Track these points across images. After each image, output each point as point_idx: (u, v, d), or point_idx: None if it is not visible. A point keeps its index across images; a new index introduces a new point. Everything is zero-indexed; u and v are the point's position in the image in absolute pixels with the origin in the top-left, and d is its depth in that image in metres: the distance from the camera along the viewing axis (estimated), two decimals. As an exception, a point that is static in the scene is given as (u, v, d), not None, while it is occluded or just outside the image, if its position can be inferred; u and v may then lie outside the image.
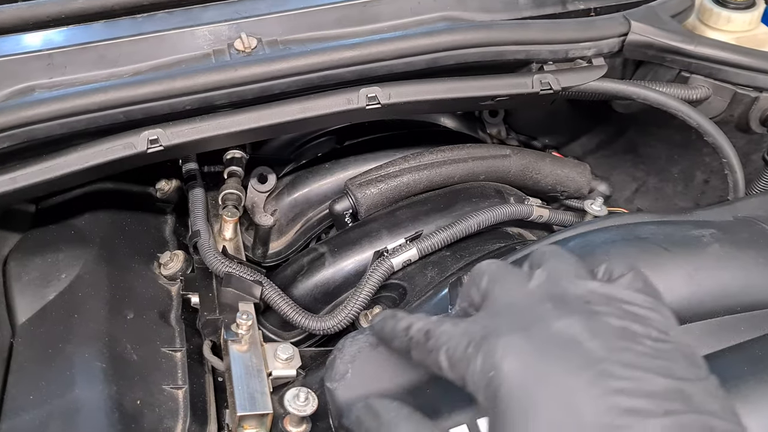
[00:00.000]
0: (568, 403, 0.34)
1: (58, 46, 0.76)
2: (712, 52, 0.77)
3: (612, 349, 0.36)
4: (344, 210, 0.79)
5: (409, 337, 0.44)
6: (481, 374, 0.37)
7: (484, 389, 0.37)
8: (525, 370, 0.36)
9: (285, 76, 0.70)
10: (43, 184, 0.67)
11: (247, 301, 0.69)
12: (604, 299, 0.39)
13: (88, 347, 0.64)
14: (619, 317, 0.38)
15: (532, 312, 0.39)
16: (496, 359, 0.37)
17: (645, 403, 0.34)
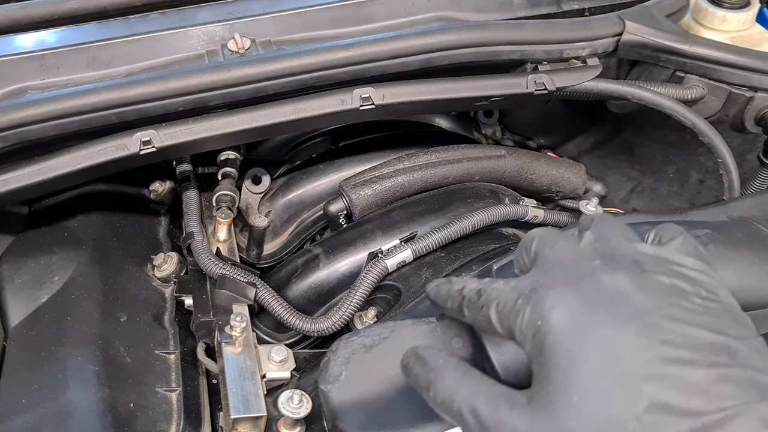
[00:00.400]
0: (614, 352, 0.36)
1: (51, 47, 0.75)
2: (707, 51, 0.77)
3: (660, 303, 0.37)
4: (339, 211, 0.79)
5: (461, 296, 0.47)
6: (529, 324, 0.39)
7: (532, 339, 0.39)
8: (573, 320, 0.38)
9: (279, 77, 0.69)
10: (36, 186, 0.66)
11: (240, 302, 0.69)
12: (653, 260, 0.41)
13: (81, 350, 0.63)
14: (669, 276, 0.39)
15: (582, 268, 0.40)
16: (545, 309, 0.38)
17: (691, 354, 0.35)
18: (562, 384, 0.37)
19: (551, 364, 0.38)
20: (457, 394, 0.42)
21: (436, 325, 0.59)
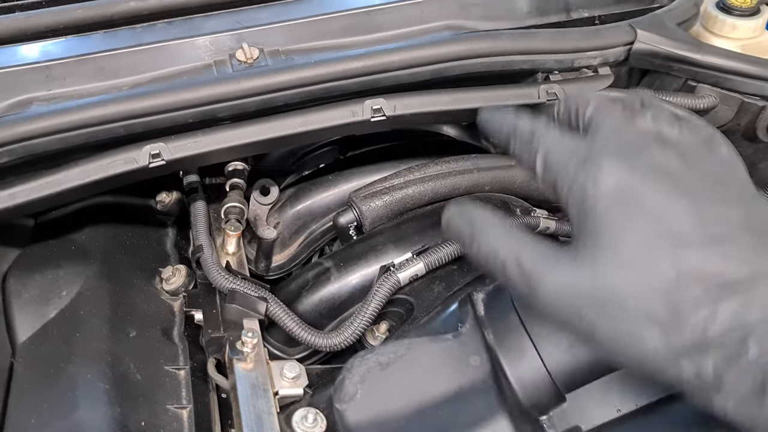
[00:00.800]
0: (662, 221, 0.39)
1: (56, 57, 0.74)
2: (719, 61, 0.77)
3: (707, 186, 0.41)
4: (348, 223, 0.78)
5: (514, 128, 0.48)
6: (580, 187, 0.41)
7: (581, 202, 0.41)
8: (626, 189, 0.40)
9: (288, 88, 0.69)
10: (43, 200, 0.65)
11: (251, 317, 0.68)
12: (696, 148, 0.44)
13: (90, 367, 0.62)
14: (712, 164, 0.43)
15: (638, 144, 0.43)
16: (600, 177, 0.41)
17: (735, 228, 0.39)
18: (609, 244, 0.40)
19: (599, 226, 0.40)
20: (502, 247, 0.44)
21: (453, 342, 0.59)
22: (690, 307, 0.37)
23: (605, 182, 0.41)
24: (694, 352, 0.37)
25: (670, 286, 0.38)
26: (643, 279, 0.38)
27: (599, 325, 0.40)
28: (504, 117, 0.50)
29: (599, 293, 0.39)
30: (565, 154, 0.43)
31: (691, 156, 0.42)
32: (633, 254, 0.39)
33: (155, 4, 0.79)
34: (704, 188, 0.41)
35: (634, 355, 0.39)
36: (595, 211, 0.41)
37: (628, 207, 0.40)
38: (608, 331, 0.39)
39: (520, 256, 0.43)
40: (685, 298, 0.37)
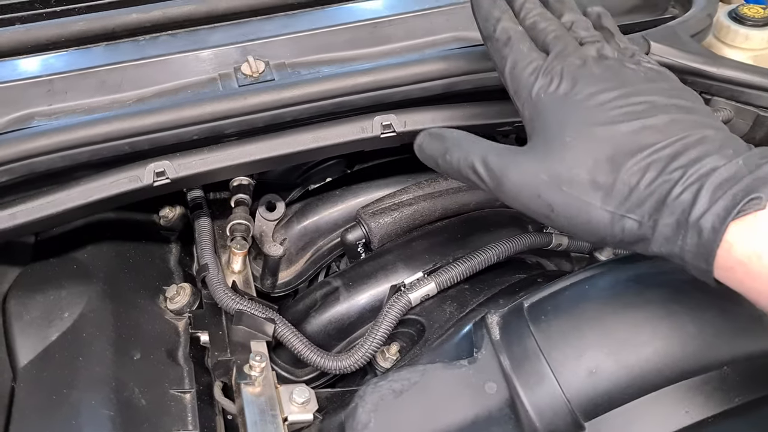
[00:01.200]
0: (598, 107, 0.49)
1: (58, 71, 0.72)
2: (735, 74, 0.75)
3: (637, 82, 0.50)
4: (357, 240, 0.76)
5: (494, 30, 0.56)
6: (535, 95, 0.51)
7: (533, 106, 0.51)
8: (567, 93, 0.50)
9: (297, 104, 0.67)
10: (45, 220, 0.64)
11: (259, 339, 0.67)
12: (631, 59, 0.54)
13: (94, 393, 0.61)
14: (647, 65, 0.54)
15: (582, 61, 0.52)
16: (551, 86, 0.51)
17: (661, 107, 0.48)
18: (557, 134, 0.49)
19: (548, 122, 0.50)
20: (471, 152, 0.53)
21: (469, 369, 0.57)
22: (624, 170, 0.45)
23: (553, 89, 0.51)
24: (632, 206, 0.45)
25: (608, 156, 0.46)
26: (585, 155, 0.47)
27: (555, 202, 0.48)
28: (492, 11, 0.57)
29: (553, 174, 0.48)
30: (527, 68, 0.53)
31: (625, 67, 0.52)
32: (575, 138, 0.48)
33: (158, 16, 0.77)
34: (634, 84, 0.50)
35: (584, 221, 0.47)
36: (544, 111, 0.51)
37: (570, 104, 0.49)
38: (563, 206, 0.48)
39: (486, 156, 0.52)
40: (620, 165, 0.45)
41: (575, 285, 0.59)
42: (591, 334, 0.55)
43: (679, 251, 0.44)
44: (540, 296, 0.60)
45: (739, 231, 0.41)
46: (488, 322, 0.59)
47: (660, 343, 0.53)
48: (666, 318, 0.54)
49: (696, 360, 0.53)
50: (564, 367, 0.54)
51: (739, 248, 0.41)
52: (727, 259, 0.41)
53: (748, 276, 0.41)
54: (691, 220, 0.42)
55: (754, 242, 0.40)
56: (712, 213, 0.41)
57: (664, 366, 0.53)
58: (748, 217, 0.40)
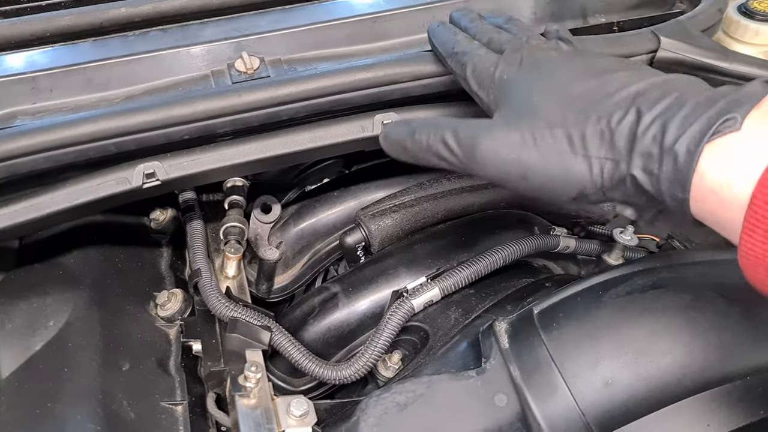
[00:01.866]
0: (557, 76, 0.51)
1: (43, 67, 0.69)
2: (749, 69, 0.72)
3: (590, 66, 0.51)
4: (356, 243, 0.73)
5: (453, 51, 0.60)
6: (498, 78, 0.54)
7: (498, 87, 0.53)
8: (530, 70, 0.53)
9: (293, 101, 0.64)
10: (28, 224, 0.60)
11: (254, 348, 0.63)
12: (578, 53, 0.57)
13: (80, 406, 0.57)
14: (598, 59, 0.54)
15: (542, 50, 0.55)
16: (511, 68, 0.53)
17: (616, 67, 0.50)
18: (523, 97, 0.51)
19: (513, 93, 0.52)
20: (439, 127, 0.53)
21: (477, 380, 0.54)
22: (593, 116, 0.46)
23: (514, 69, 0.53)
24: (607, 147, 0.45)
25: (575, 108, 0.47)
26: (554, 111, 0.48)
27: (530, 160, 0.47)
28: (446, 35, 0.62)
29: (525, 134, 0.48)
30: (487, 62, 0.56)
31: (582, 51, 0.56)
32: (542, 98, 0.49)
33: (148, 10, 0.74)
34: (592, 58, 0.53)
35: (562, 173, 0.47)
36: (508, 87, 0.53)
37: (533, 76, 0.52)
38: (538, 163, 0.47)
39: (456, 127, 0.52)
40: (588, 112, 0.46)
41: (588, 290, 0.56)
42: (606, 342, 0.52)
43: (656, 183, 0.43)
44: (550, 302, 0.57)
45: (711, 158, 0.40)
46: (496, 329, 0.56)
47: (679, 353, 0.51)
48: (685, 326, 0.51)
49: (718, 370, 0.51)
50: (578, 377, 0.51)
51: (710, 176, 0.40)
52: (699, 188, 0.41)
53: (720, 206, 0.40)
54: (665, 146, 0.42)
55: (726, 169, 0.39)
56: (687, 136, 0.41)
57: (684, 376, 0.50)
58: (721, 141, 0.40)
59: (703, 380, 0.50)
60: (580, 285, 0.57)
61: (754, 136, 0.39)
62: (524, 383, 0.52)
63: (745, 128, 0.39)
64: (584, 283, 0.57)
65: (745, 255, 0.39)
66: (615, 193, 0.46)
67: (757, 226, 0.38)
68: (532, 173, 0.48)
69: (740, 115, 0.39)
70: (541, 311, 0.56)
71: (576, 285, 0.57)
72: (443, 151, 0.52)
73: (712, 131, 0.40)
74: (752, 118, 0.39)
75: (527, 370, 0.53)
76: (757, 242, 0.38)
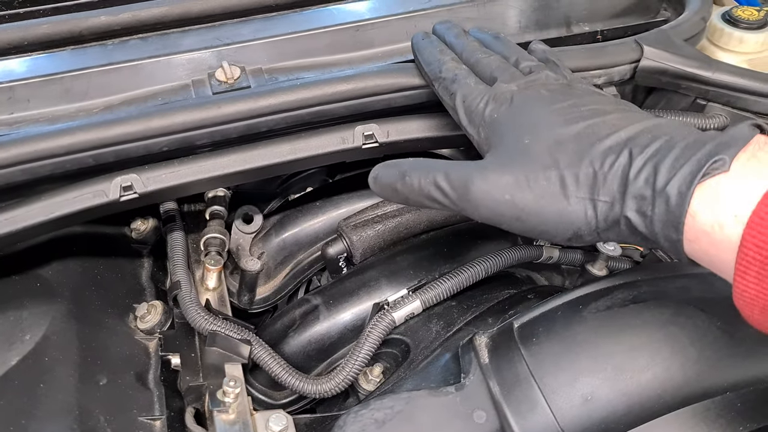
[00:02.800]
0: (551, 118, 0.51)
1: (20, 77, 0.69)
2: (731, 79, 0.72)
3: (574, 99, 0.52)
4: (338, 254, 0.73)
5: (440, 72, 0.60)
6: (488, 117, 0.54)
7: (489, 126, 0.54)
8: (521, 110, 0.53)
9: (273, 113, 0.63)
10: (4, 238, 0.60)
11: (234, 362, 0.63)
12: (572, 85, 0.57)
13: (56, 423, 0.56)
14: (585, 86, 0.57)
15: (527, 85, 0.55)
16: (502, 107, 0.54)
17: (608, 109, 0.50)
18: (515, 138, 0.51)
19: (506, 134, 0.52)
20: (431, 170, 0.52)
21: (456, 396, 0.53)
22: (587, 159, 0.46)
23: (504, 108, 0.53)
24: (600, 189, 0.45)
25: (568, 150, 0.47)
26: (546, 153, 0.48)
27: (525, 201, 0.47)
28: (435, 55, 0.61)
29: (518, 176, 0.48)
30: (477, 98, 0.55)
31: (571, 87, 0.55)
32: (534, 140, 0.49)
33: (128, 18, 0.73)
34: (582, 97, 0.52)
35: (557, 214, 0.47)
36: (499, 127, 0.53)
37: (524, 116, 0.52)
38: (533, 204, 0.47)
39: (447, 170, 0.51)
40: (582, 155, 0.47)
41: (568, 304, 0.56)
42: (585, 358, 0.52)
43: (649, 224, 0.43)
44: (530, 316, 0.56)
45: (702, 199, 0.41)
46: (476, 344, 0.56)
47: (659, 368, 0.50)
48: (665, 341, 0.51)
49: (698, 385, 0.50)
50: (557, 393, 0.51)
51: (701, 217, 0.40)
52: (691, 229, 0.41)
53: (712, 246, 0.41)
54: (657, 188, 0.42)
55: (716, 210, 0.40)
56: (678, 178, 0.41)
57: (664, 392, 0.50)
58: (711, 182, 0.40)
59: (682, 396, 0.50)
60: (560, 299, 0.57)
61: (742, 178, 0.39)
62: (503, 399, 0.52)
63: (733, 170, 0.40)
64: (564, 296, 0.57)
65: (739, 296, 0.39)
66: (609, 234, 0.46)
67: (749, 267, 0.38)
68: (526, 215, 0.48)
69: (728, 157, 0.40)
70: (521, 325, 0.56)
71: (556, 299, 0.57)
72: (435, 193, 0.52)
73: (702, 173, 0.40)
74: (740, 160, 0.40)
75: (507, 386, 0.52)
76: (750, 284, 0.38)
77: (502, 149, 0.51)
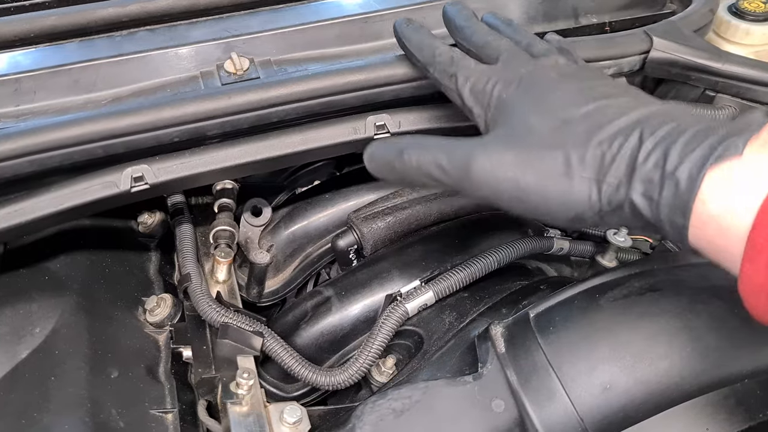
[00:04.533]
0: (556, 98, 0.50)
1: (27, 69, 0.68)
2: (741, 70, 0.72)
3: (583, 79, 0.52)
4: (348, 246, 0.72)
5: (433, 55, 0.58)
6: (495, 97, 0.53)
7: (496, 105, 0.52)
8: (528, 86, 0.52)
9: (284, 103, 0.63)
10: (12, 230, 0.59)
11: (246, 354, 0.62)
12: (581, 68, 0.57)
13: (67, 416, 0.56)
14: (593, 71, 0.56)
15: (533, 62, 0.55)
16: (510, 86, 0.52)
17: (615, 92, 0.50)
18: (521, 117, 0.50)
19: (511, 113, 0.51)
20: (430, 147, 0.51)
21: (474, 385, 0.53)
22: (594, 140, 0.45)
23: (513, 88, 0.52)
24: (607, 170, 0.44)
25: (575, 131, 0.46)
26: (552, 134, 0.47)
27: (527, 181, 0.46)
28: (423, 38, 0.60)
29: (522, 155, 0.47)
30: (482, 78, 0.54)
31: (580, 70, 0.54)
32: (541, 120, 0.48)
33: (136, 10, 0.72)
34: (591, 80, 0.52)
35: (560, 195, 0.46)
36: (505, 107, 0.51)
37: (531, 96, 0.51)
38: (536, 184, 0.46)
39: (449, 148, 0.50)
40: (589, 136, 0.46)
41: (584, 293, 0.56)
42: (603, 346, 0.52)
43: (655, 209, 0.43)
44: (547, 305, 0.56)
45: (713, 184, 0.40)
46: (492, 333, 0.56)
47: (677, 356, 0.50)
48: (683, 329, 0.51)
49: (716, 373, 0.50)
50: (575, 382, 0.51)
51: (711, 203, 0.40)
52: (700, 214, 0.40)
53: (719, 233, 0.40)
54: (667, 172, 0.42)
55: (727, 196, 0.39)
56: (689, 162, 0.41)
57: (682, 380, 0.50)
58: (722, 167, 0.39)
59: (700, 384, 0.50)
60: (576, 288, 0.56)
61: (754, 164, 0.39)
62: (521, 388, 0.52)
63: (746, 155, 0.39)
64: (581, 285, 0.57)
65: (745, 283, 0.38)
66: (612, 217, 0.46)
67: (759, 254, 0.37)
68: (527, 194, 0.47)
69: (741, 142, 0.39)
70: (538, 314, 0.56)
71: (572, 288, 0.57)
72: (434, 170, 0.50)
73: (714, 157, 0.40)
74: (753, 146, 0.39)
75: (524, 375, 0.52)
76: (759, 270, 0.37)
77: (507, 127, 0.50)
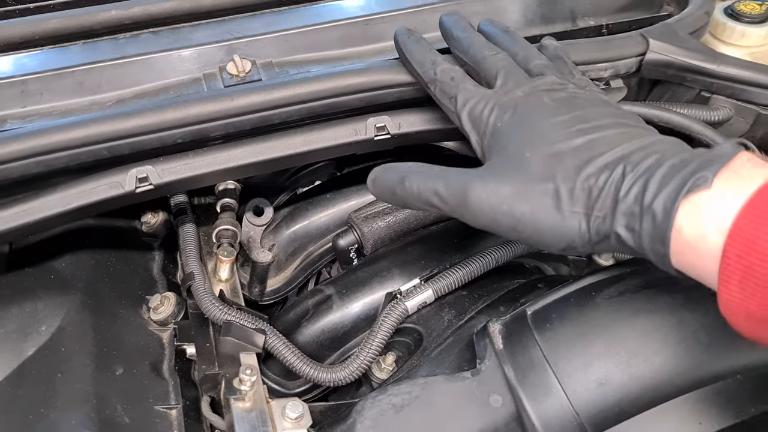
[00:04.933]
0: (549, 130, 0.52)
1: (32, 71, 0.69)
2: (736, 71, 0.73)
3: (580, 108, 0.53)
4: (349, 245, 0.73)
5: (434, 72, 0.60)
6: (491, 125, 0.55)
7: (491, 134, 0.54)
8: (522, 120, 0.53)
9: (287, 105, 0.64)
10: (20, 229, 0.60)
11: (248, 351, 0.63)
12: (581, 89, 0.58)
13: (74, 412, 0.57)
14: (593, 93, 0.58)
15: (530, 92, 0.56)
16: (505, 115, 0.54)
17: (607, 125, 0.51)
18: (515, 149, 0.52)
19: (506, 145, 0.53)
20: (431, 176, 0.53)
21: (472, 381, 0.54)
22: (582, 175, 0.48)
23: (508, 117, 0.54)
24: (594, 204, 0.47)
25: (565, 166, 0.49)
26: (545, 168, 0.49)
27: (522, 212, 0.49)
28: (425, 53, 0.62)
29: (517, 187, 0.49)
30: (480, 104, 0.56)
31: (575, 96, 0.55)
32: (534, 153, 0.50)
33: (139, 12, 0.73)
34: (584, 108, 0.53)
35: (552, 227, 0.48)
36: (501, 136, 0.53)
37: (525, 127, 0.53)
38: (529, 216, 0.48)
39: (446, 177, 0.53)
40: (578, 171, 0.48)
41: (581, 291, 0.57)
42: (599, 343, 0.53)
43: (637, 239, 0.45)
44: (544, 303, 0.57)
45: (686, 214, 0.42)
46: (490, 330, 0.57)
47: (671, 353, 0.51)
48: (676, 326, 0.52)
49: (709, 368, 0.51)
50: (571, 378, 0.52)
51: (686, 231, 0.42)
52: (677, 242, 0.43)
53: (697, 258, 0.43)
54: (645, 205, 0.44)
55: (699, 224, 0.42)
56: (663, 195, 0.43)
57: (676, 375, 0.51)
58: (694, 198, 0.42)
59: (694, 379, 0.51)
60: (573, 286, 0.58)
61: (723, 192, 0.41)
62: (518, 384, 0.53)
63: (716, 186, 0.42)
64: (577, 283, 0.58)
65: (724, 304, 0.41)
66: (601, 246, 0.48)
67: (731, 277, 0.40)
68: (522, 225, 0.49)
69: (711, 174, 0.42)
70: (535, 312, 0.57)
71: (569, 285, 0.58)
72: (433, 199, 0.53)
73: (686, 189, 0.42)
74: (722, 177, 0.42)
75: (522, 371, 0.53)
76: (733, 292, 0.40)
77: (502, 158, 0.52)
